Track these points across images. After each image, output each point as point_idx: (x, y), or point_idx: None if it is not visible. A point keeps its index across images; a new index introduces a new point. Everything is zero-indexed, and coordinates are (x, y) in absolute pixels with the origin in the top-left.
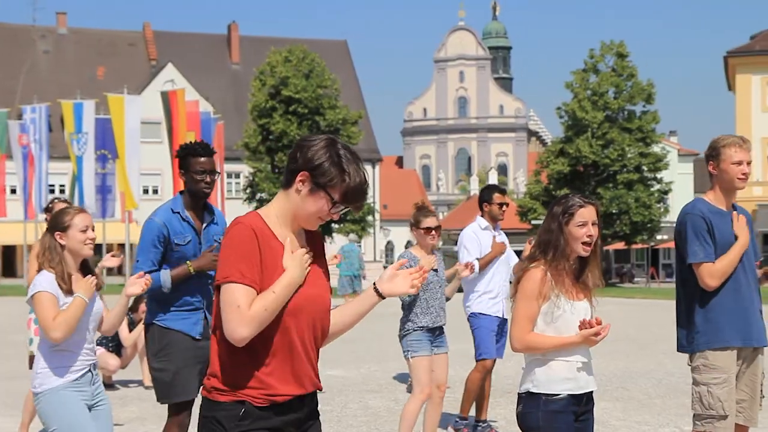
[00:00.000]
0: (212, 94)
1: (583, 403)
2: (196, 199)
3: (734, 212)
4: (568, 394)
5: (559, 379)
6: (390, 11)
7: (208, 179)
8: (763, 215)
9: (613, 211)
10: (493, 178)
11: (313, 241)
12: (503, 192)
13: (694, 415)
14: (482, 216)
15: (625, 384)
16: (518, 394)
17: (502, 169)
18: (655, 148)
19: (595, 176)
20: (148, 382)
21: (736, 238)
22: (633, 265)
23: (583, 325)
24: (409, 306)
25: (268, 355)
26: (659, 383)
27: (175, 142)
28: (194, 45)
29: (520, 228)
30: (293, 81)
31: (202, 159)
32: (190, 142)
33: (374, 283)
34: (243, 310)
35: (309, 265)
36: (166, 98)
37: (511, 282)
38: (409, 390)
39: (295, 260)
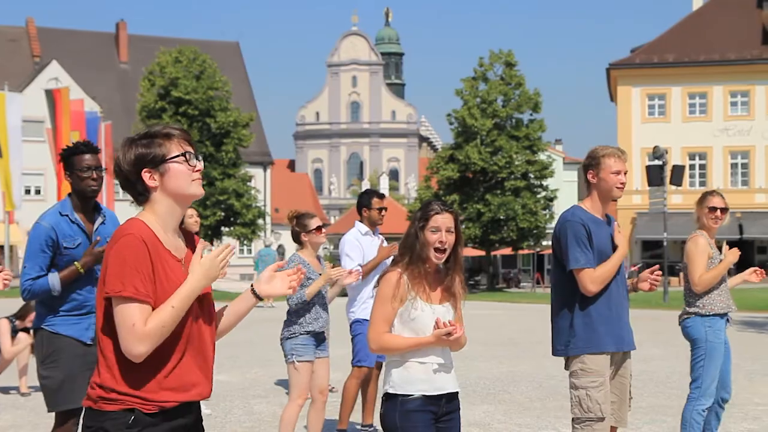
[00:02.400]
0: (99, 94)
1: (442, 404)
2: (84, 199)
3: (615, 224)
4: (423, 395)
5: (413, 380)
6: (283, 14)
7: (94, 176)
8: (641, 223)
9: (501, 217)
10: (384, 183)
11: (191, 243)
12: (382, 197)
13: (573, 419)
14: (361, 221)
15: (508, 387)
16: (382, 397)
17: (394, 174)
18: (542, 156)
19: (484, 182)
20: (24, 389)
21: (614, 247)
22: (519, 270)
23: (437, 325)
24: (296, 310)
25: (158, 361)
26: (540, 386)
27: (58, 141)
28: (80, 43)
29: None
30: (183, 82)
31: (86, 156)
32: (73, 143)
33: (252, 285)
34: (138, 329)
35: (223, 267)
36: (50, 96)
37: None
38: None
39: (203, 266)
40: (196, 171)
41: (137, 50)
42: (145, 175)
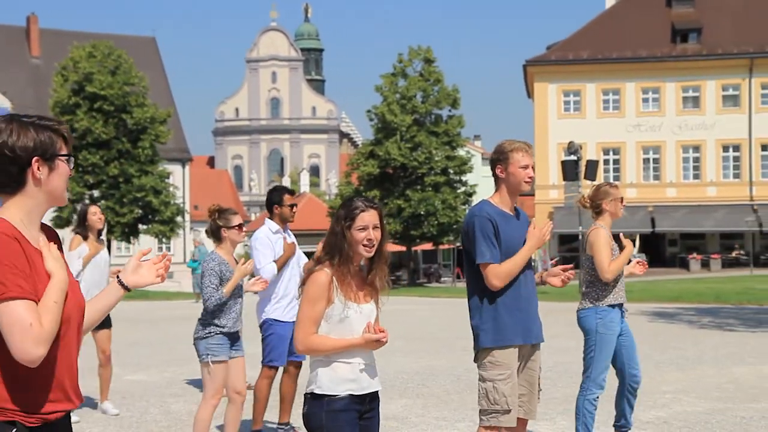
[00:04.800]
0: (10, 89)
1: (366, 402)
2: None
3: (533, 220)
4: (350, 394)
5: (341, 380)
6: (200, 9)
7: None
8: (559, 217)
9: (421, 213)
10: (305, 179)
11: (54, 240)
12: (292, 193)
13: (480, 411)
14: (272, 218)
15: (426, 381)
16: (304, 395)
17: (315, 170)
18: (461, 152)
19: (404, 178)
20: None
21: (519, 244)
22: (440, 265)
23: (368, 328)
24: (212, 309)
25: (37, 370)
26: (458, 379)
27: None
28: None
29: None
30: (98, 77)
31: None
32: None
33: (118, 276)
34: (36, 328)
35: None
36: None
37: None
38: None
39: (58, 261)
40: (69, 176)
41: (49, 44)
42: (35, 165)
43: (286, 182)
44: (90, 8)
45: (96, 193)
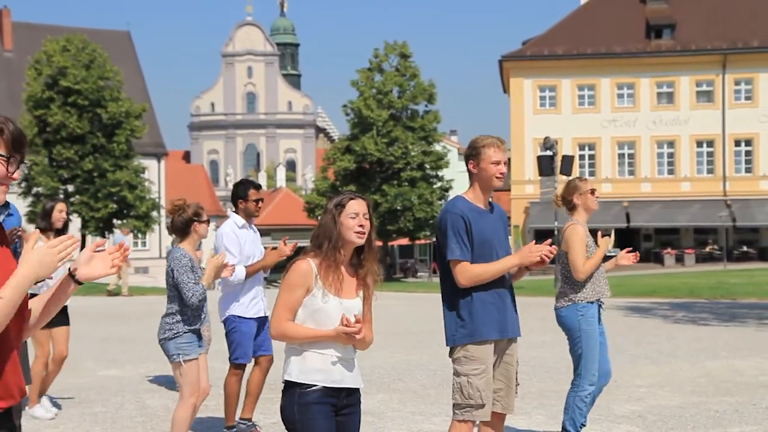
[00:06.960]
0: None
1: (342, 397)
2: None
3: (547, 242)
4: (323, 386)
5: (311, 370)
6: (176, 3)
7: None
8: (534, 212)
9: (398, 208)
10: (281, 174)
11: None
12: (258, 187)
13: (453, 405)
14: (237, 213)
15: (402, 376)
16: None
17: (291, 165)
18: (437, 147)
19: (381, 173)
20: None
21: (493, 239)
22: (416, 260)
23: (342, 320)
24: (180, 307)
25: None
26: (434, 374)
27: None
28: None
29: (309, 224)
30: (72, 71)
31: None
32: None
33: (69, 269)
34: None
35: (63, 258)
36: None
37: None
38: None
39: (36, 255)
40: (5, 178)
41: (22, 38)
42: None
43: (262, 177)
44: (63, 1)
45: (70, 187)
